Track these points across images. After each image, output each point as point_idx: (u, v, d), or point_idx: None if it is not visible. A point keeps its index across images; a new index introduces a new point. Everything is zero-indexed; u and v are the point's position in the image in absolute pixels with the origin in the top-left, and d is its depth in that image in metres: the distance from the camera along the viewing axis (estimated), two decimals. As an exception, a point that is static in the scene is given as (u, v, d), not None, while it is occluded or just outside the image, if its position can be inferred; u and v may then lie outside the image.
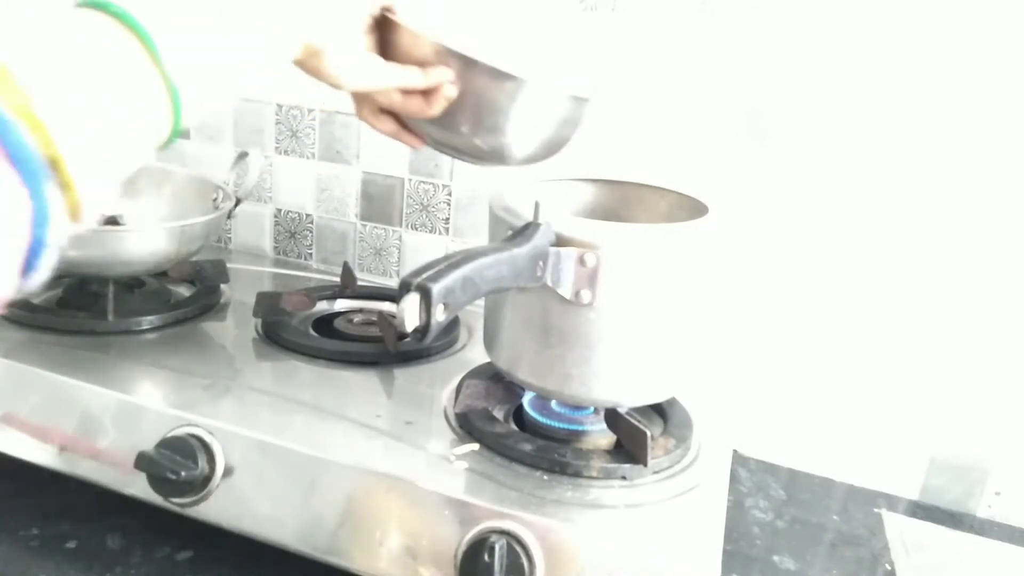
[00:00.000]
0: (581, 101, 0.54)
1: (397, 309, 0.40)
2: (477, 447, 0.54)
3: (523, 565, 0.46)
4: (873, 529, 0.69)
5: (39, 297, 0.73)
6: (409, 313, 0.40)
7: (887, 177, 0.71)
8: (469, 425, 0.56)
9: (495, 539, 0.46)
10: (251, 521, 0.53)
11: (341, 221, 0.93)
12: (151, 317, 0.70)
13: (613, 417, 0.56)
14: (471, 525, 0.47)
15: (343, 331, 0.73)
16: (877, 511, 0.72)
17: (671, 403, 0.62)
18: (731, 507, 0.68)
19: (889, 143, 0.70)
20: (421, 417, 0.59)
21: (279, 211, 0.96)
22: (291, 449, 0.52)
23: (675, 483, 0.53)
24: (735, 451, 0.78)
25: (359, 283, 0.83)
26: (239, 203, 0.81)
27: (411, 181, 0.89)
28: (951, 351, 0.72)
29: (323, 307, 0.79)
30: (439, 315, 0.40)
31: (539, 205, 0.49)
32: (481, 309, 0.59)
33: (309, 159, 0.92)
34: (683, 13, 0.73)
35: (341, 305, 0.80)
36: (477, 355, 0.69)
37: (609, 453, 0.55)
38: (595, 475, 0.52)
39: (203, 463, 0.53)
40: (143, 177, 0.87)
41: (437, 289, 0.40)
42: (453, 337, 0.73)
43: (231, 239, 1.00)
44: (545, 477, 0.52)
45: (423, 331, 0.40)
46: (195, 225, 0.71)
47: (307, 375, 0.64)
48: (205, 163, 0.95)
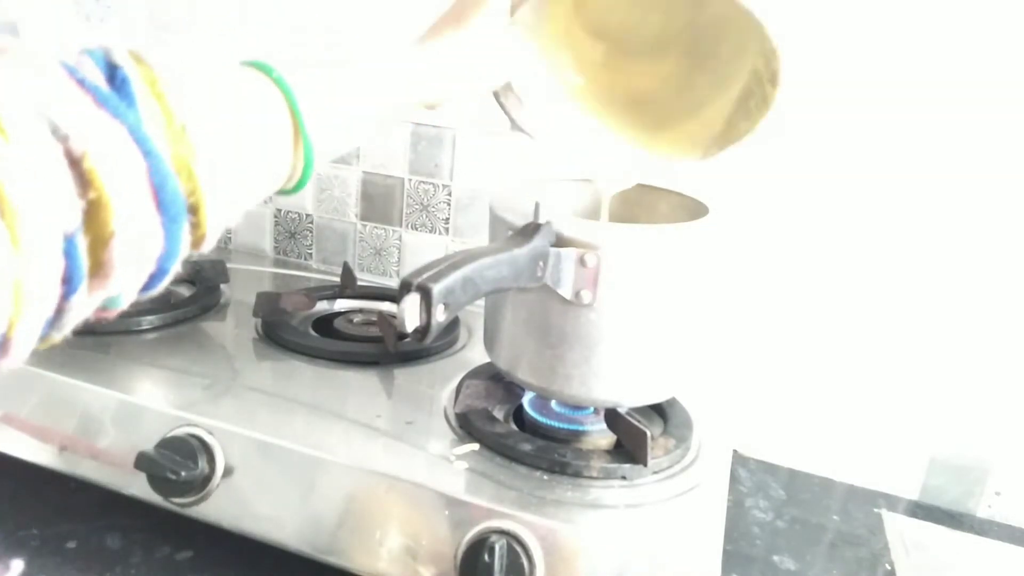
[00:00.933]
0: None
1: (397, 309, 0.40)
2: (477, 447, 0.54)
3: (523, 565, 0.46)
4: (873, 529, 0.69)
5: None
6: (409, 313, 0.40)
7: (887, 177, 0.71)
8: (469, 425, 0.56)
9: (495, 539, 0.46)
10: (251, 521, 0.53)
11: (341, 221, 0.93)
12: (151, 317, 0.70)
13: (613, 417, 0.56)
14: (471, 525, 0.47)
15: (343, 331, 0.73)
16: (877, 511, 0.72)
17: (671, 403, 0.62)
18: (731, 507, 0.68)
19: (889, 144, 0.70)
20: (421, 417, 0.59)
21: (279, 211, 0.96)
22: (291, 449, 0.52)
23: (675, 483, 0.53)
24: (735, 451, 0.78)
25: (359, 283, 0.83)
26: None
27: (411, 181, 0.89)
28: (951, 351, 0.72)
29: (323, 307, 0.79)
30: (439, 315, 0.40)
31: (539, 205, 0.49)
32: (481, 309, 0.59)
33: (309, 159, 0.92)
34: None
35: (341, 305, 0.80)
36: (477, 355, 0.69)
37: (609, 453, 0.55)
38: (595, 475, 0.52)
39: (203, 463, 0.53)
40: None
41: (437, 289, 0.40)
42: (453, 337, 0.73)
43: (231, 239, 1.00)
44: (545, 477, 0.52)
45: (423, 331, 0.40)
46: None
47: (307, 375, 0.64)
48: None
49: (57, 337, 0.30)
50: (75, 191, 0.27)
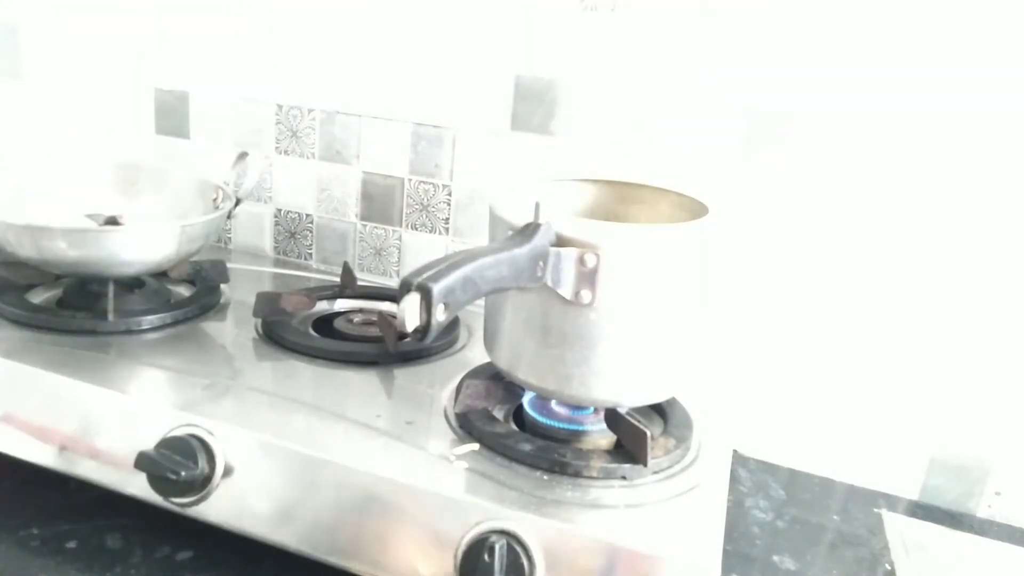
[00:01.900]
0: None
1: (397, 309, 0.40)
2: (477, 447, 0.54)
3: (523, 565, 0.46)
4: (873, 529, 0.69)
5: (39, 297, 0.73)
6: (410, 313, 0.40)
7: (888, 178, 0.71)
8: (469, 425, 0.56)
9: (495, 539, 0.46)
10: (251, 521, 0.53)
11: (341, 221, 0.93)
12: (151, 317, 0.70)
13: (613, 417, 0.56)
14: (471, 525, 0.47)
15: (343, 331, 0.73)
16: (877, 511, 0.72)
17: (671, 403, 0.62)
18: (731, 507, 0.68)
19: (890, 144, 0.70)
20: (421, 417, 0.59)
21: (279, 211, 0.96)
22: (291, 449, 0.52)
23: (675, 483, 0.53)
24: (735, 451, 0.78)
25: (359, 283, 0.83)
26: (239, 203, 0.80)
27: (411, 181, 0.89)
28: (951, 351, 0.72)
29: (323, 307, 0.79)
30: (439, 315, 0.40)
31: (539, 205, 0.49)
32: (481, 309, 0.59)
33: (309, 159, 0.92)
34: (683, 13, 0.73)
35: (341, 305, 0.80)
36: (477, 355, 0.69)
37: (609, 453, 0.55)
38: (595, 475, 0.52)
39: (203, 463, 0.53)
40: (143, 177, 0.87)
41: (438, 289, 0.40)
42: (453, 337, 0.73)
43: (231, 239, 1.00)
44: (545, 477, 0.52)
45: (423, 331, 0.40)
46: (195, 225, 0.71)
47: (307, 375, 0.64)
48: (205, 163, 0.95)
49: None
50: None
